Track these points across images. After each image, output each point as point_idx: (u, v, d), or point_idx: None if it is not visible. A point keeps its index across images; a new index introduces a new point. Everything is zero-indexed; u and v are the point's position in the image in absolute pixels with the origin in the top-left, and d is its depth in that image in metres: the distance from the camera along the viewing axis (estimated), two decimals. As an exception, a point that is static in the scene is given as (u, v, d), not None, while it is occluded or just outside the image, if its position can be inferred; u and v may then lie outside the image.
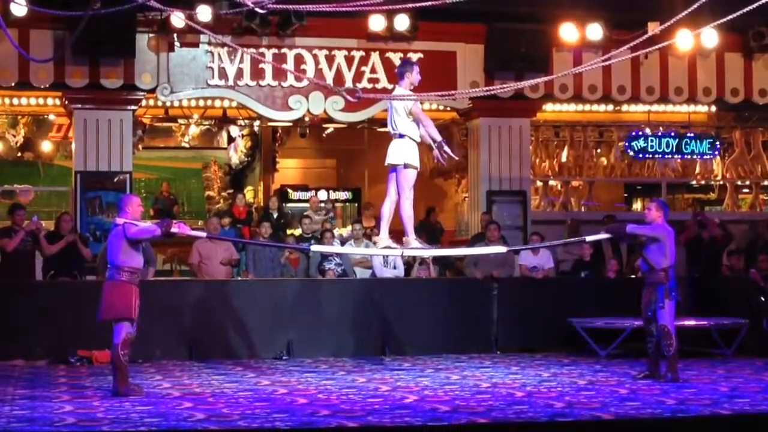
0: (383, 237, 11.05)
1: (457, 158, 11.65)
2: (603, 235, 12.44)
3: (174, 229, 10.34)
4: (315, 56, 17.39)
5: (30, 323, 13.65)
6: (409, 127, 10.69)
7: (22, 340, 13.61)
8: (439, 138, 10.67)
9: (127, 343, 10.19)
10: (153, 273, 14.75)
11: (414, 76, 10.91)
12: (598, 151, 21.35)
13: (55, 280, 14.45)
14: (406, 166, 10.67)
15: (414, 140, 10.72)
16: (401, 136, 10.68)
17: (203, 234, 12.89)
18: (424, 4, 7.62)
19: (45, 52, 15.88)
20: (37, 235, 14.43)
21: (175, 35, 16.80)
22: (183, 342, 14.11)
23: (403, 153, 10.66)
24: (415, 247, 11.19)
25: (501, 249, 13.32)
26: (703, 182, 21.93)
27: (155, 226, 10.37)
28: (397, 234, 11.23)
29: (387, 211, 10.92)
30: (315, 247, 13.82)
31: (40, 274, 14.84)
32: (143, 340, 11.25)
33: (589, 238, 13.06)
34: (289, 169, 24.11)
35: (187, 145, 23.44)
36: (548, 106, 19.27)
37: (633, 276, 15.20)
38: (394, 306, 14.88)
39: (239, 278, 15.79)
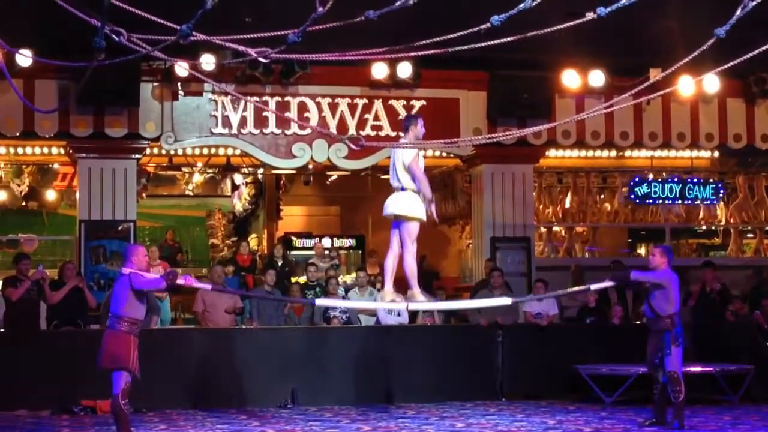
0: (388, 291, 10.91)
1: (437, 222, 11.36)
2: (608, 283, 12.37)
3: (180, 281, 10.32)
4: (318, 104, 17.45)
5: (34, 372, 13.63)
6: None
7: (26, 390, 13.58)
8: (429, 196, 10.48)
9: (126, 392, 10.13)
10: (156, 321, 14.73)
11: (419, 129, 10.75)
12: (602, 196, 21.34)
13: (59, 329, 14.44)
14: (409, 218, 10.48)
15: (416, 192, 10.59)
16: (403, 189, 10.54)
17: (208, 286, 12.88)
18: (426, 52, 7.64)
19: (50, 101, 15.98)
20: (42, 284, 14.44)
21: (179, 84, 16.89)
22: (187, 390, 14.07)
23: (406, 205, 10.44)
24: (420, 301, 11.09)
25: (506, 301, 13.05)
26: (706, 227, 21.90)
27: (161, 278, 10.34)
28: (399, 282, 11.12)
29: (390, 265, 10.67)
30: (320, 301, 13.88)
31: (44, 323, 14.83)
32: (147, 389, 11.20)
33: (594, 287, 12.92)
34: (293, 216, 24.14)
35: (191, 193, 23.52)
36: (551, 152, 19.27)
37: (638, 322, 15.16)
38: (398, 353, 14.85)
39: (243, 326, 15.76)
